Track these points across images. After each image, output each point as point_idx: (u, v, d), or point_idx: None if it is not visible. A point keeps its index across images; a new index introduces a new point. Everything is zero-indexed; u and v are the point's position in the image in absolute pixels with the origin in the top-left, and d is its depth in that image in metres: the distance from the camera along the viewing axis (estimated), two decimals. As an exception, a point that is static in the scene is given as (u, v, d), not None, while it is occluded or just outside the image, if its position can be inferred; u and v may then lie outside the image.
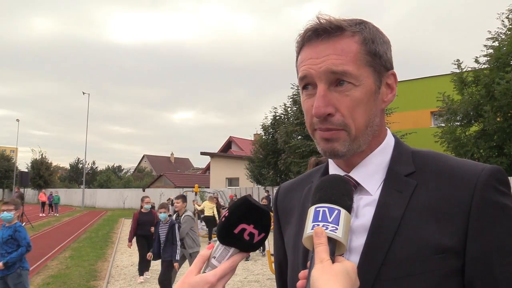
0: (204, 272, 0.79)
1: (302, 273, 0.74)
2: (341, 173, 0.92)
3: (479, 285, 0.77)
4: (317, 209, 0.74)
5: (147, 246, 8.14)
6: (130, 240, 8.50)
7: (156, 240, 6.74)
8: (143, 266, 8.42)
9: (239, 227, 0.79)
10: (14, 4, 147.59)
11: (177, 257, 6.44)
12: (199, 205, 15.80)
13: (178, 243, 6.49)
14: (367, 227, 0.83)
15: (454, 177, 0.82)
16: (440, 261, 0.76)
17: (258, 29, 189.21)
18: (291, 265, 0.97)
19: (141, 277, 8.33)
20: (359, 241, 0.83)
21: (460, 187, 0.80)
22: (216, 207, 15.38)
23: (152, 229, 7.97)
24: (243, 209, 0.80)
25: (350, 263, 0.70)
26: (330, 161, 0.98)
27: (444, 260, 0.76)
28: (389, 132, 0.94)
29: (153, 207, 16.49)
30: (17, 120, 48.16)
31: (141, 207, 8.79)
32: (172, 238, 6.48)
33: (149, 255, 7.02)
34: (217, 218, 14.39)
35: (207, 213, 14.44)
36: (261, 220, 0.80)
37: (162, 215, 6.72)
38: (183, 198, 7.07)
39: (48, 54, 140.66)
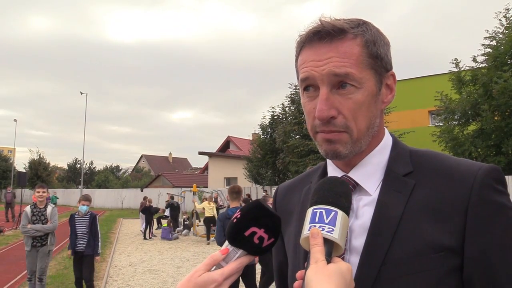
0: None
1: (299, 273, 0.75)
2: (340, 173, 0.93)
3: (478, 283, 0.77)
4: (315, 210, 0.75)
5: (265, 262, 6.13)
6: None
7: (72, 234, 6.38)
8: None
9: (250, 229, 0.79)
10: (11, 2, 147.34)
11: (99, 251, 6.31)
12: (198, 205, 15.78)
13: (99, 236, 6.38)
14: (366, 227, 0.83)
15: (451, 177, 0.83)
16: (439, 260, 0.77)
17: (258, 27, 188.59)
18: (291, 265, 0.97)
19: None
20: (359, 241, 0.83)
21: (458, 186, 0.81)
22: (216, 207, 15.40)
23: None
24: (255, 212, 0.80)
25: (345, 264, 0.71)
26: (329, 161, 0.98)
27: (443, 258, 0.77)
28: (387, 132, 0.95)
29: (150, 207, 16.56)
30: (15, 120, 48.01)
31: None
32: (95, 231, 6.35)
33: (69, 252, 6.47)
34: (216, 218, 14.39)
35: (208, 213, 14.45)
36: (272, 225, 0.81)
37: (82, 207, 6.44)
38: (46, 186, 6.53)
39: (46, 53, 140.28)
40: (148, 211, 15.67)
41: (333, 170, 0.95)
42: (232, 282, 0.79)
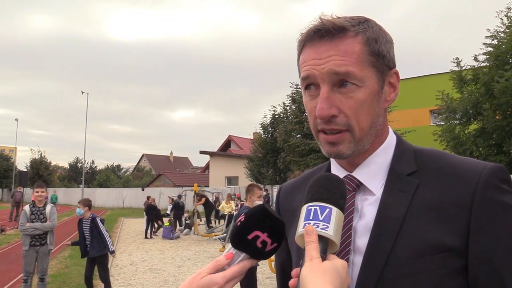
0: None
1: (295, 271, 0.75)
2: (344, 172, 0.92)
3: (484, 284, 0.76)
4: (309, 207, 0.75)
5: None
6: None
7: (80, 237, 6.48)
8: None
9: (253, 233, 0.79)
10: (12, 1, 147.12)
11: (111, 248, 6.34)
12: (199, 204, 15.99)
13: (106, 233, 6.37)
14: (370, 227, 0.83)
15: (456, 176, 0.82)
16: (442, 260, 0.76)
17: (261, 26, 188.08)
18: (295, 265, 0.96)
19: None
20: (362, 242, 0.83)
21: (462, 186, 0.80)
22: (207, 204, 15.93)
23: None
24: (259, 216, 0.80)
25: (340, 261, 0.71)
26: (333, 161, 0.97)
27: (446, 259, 0.76)
28: (391, 131, 0.94)
29: (154, 206, 16.53)
30: (16, 119, 48.10)
31: None
32: (97, 232, 6.33)
33: (69, 243, 6.65)
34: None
35: (226, 212, 15.28)
36: (276, 229, 0.80)
37: (77, 210, 6.51)
38: (44, 185, 6.56)
39: (47, 52, 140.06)
40: (151, 210, 15.69)
41: (336, 170, 0.95)
42: (234, 285, 0.79)
